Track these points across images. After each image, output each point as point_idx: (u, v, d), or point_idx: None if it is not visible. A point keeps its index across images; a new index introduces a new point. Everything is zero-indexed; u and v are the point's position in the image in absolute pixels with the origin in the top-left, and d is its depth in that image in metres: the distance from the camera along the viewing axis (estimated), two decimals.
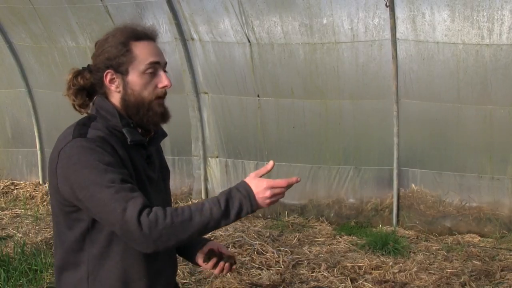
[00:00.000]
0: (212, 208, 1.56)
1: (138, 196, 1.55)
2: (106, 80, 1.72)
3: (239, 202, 1.57)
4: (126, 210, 1.51)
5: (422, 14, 4.77)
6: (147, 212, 1.52)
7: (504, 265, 4.53)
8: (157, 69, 1.72)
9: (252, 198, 1.58)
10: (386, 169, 5.51)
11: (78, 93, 1.77)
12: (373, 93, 5.31)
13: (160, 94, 1.73)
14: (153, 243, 1.52)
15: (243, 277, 4.30)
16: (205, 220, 1.55)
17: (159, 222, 1.51)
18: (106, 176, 1.55)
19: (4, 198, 6.74)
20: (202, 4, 5.39)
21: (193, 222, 1.54)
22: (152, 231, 1.50)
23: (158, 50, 1.75)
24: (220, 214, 1.56)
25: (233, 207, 1.57)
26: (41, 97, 6.71)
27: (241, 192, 1.59)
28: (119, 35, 1.72)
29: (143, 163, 1.75)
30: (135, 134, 1.72)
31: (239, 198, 1.58)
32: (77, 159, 1.59)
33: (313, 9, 5.06)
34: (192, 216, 1.54)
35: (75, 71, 1.78)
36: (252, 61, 5.54)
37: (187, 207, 1.57)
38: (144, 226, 1.50)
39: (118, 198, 1.52)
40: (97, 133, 1.64)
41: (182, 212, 1.55)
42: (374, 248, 4.93)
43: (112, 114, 1.71)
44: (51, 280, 4.21)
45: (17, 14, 6.07)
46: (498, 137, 5.10)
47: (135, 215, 1.50)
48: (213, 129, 6.04)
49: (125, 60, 1.70)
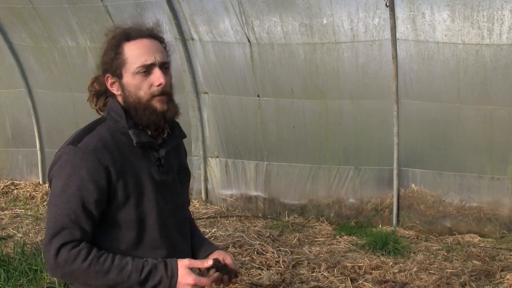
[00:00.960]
0: (132, 273, 1.62)
1: (77, 229, 1.60)
2: (108, 84, 1.74)
3: (160, 278, 1.64)
4: (54, 237, 1.59)
5: (422, 14, 4.77)
6: (72, 247, 1.59)
7: (504, 265, 4.53)
8: (150, 68, 1.70)
9: (173, 283, 1.65)
10: (386, 169, 5.51)
11: (97, 98, 1.81)
12: (373, 93, 5.31)
13: (156, 92, 1.71)
14: (61, 275, 1.61)
15: (243, 277, 4.30)
16: (120, 280, 1.61)
17: (76, 261, 1.58)
18: (64, 195, 1.61)
19: (4, 198, 6.74)
20: (202, 4, 5.39)
21: (108, 276, 1.60)
22: (65, 266, 1.58)
23: (151, 48, 1.71)
24: (137, 281, 1.62)
25: (153, 279, 1.64)
26: (41, 97, 6.71)
27: (167, 271, 1.65)
28: (113, 37, 1.72)
29: (151, 167, 1.74)
30: (142, 136, 1.72)
31: (161, 276, 1.64)
32: (59, 166, 1.65)
33: (313, 9, 5.06)
34: (110, 271, 1.60)
35: (94, 77, 1.81)
36: (252, 61, 5.54)
37: (111, 259, 1.62)
38: (60, 258, 1.57)
39: (58, 221, 1.60)
40: (92, 141, 1.66)
41: (104, 262, 1.60)
42: (374, 248, 4.93)
43: (120, 116, 1.72)
44: (51, 280, 4.21)
45: (17, 14, 6.07)
46: (498, 137, 5.10)
47: (57, 246, 1.58)
48: (213, 129, 6.04)
49: (118, 63, 1.70)
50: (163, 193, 1.76)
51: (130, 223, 1.69)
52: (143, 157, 1.73)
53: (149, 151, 1.75)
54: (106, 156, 1.64)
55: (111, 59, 1.70)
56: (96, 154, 1.63)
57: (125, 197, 1.67)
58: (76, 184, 1.60)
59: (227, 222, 5.73)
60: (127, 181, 1.67)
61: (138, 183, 1.70)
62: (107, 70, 1.72)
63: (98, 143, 1.65)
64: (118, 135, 1.70)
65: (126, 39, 1.70)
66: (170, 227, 1.77)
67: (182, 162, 1.94)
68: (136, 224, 1.70)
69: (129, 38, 1.70)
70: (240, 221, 5.81)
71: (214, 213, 6.00)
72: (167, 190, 1.78)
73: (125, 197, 1.67)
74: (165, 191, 1.77)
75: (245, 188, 6.09)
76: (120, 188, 1.65)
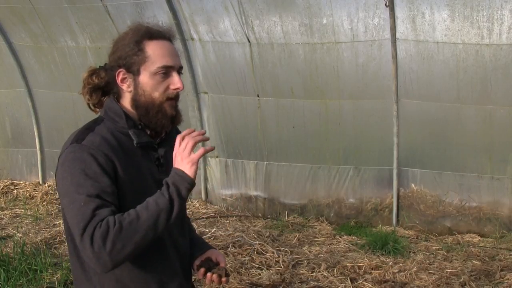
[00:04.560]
0: (157, 200, 1.57)
1: (104, 209, 1.55)
2: (118, 79, 1.70)
3: (175, 186, 1.59)
4: (86, 228, 1.52)
5: (422, 14, 4.77)
6: (100, 225, 1.52)
7: (504, 265, 4.53)
8: (170, 71, 1.69)
9: (185, 175, 1.60)
10: (386, 169, 5.51)
11: (93, 92, 1.75)
12: (373, 93, 5.31)
13: (171, 95, 1.70)
14: (109, 255, 1.51)
15: (243, 277, 4.29)
16: (154, 214, 1.56)
17: (109, 231, 1.51)
18: (83, 188, 1.56)
19: (4, 198, 6.74)
20: (202, 4, 5.39)
21: (142, 219, 1.54)
22: (105, 243, 1.51)
23: (172, 51, 1.71)
24: (166, 202, 1.57)
25: (173, 191, 1.58)
26: (41, 97, 6.71)
27: (172, 175, 1.61)
28: (133, 33, 1.69)
29: (151, 166, 1.73)
30: (142, 136, 1.71)
31: (173, 182, 1.60)
32: (67, 166, 1.60)
33: (313, 9, 5.06)
34: (139, 215, 1.55)
35: (90, 70, 1.75)
36: (252, 61, 5.54)
37: (133, 210, 1.57)
38: (96, 241, 1.50)
39: (84, 212, 1.54)
40: (95, 139, 1.63)
41: (129, 214, 1.56)
42: (374, 248, 4.94)
43: (119, 116, 1.70)
44: (51, 280, 4.21)
45: (17, 14, 6.07)
46: (498, 137, 5.10)
47: (90, 233, 1.51)
48: (213, 129, 6.04)
49: (137, 60, 1.67)
50: None
51: None
52: (143, 157, 1.72)
53: (148, 151, 1.74)
54: (111, 152, 1.63)
55: (131, 54, 1.67)
56: (103, 149, 1.61)
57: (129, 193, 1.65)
58: (91, 178, 1.57)
59: (227, 222, 5.73)
60: (131, 178, 1.65)
61: (141, 182, 1.69)
62: (122, 65, 1.68)
63: (102, 140, 1.64)
64: (118, 134, 1.69)
65: (148, 37, 1.68)
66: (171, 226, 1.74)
67: None
68: None
69: (152, 37, 1.68)
70: (240, 221, 5.81)
71: (214, 213, 6.00)
72: None
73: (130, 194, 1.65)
74: None
75: (245, 188, 6.09)
76: (125, 184, 1.64)
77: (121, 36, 1.72)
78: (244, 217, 5.94)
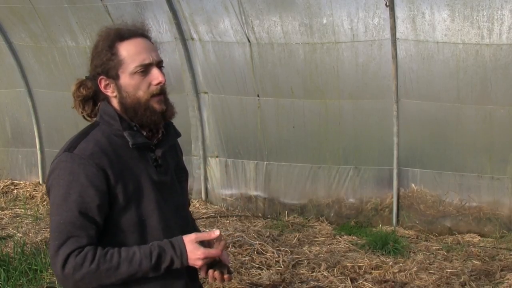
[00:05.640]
0: (142, 260, 1.60)
1: (82, 235, 1.57)
2: (101, 87, 1.70)
3: (170, 259, 1.62)
4: (60, 248, 1.55)
5: (422, 14, 4.77)
6: (78, 253, 1.55)
7: (504, 265, 4.53)
8: (148, 67, 1.68)
9: (185, 260, 1.64)
10: (386, 169, 5.51)
11: (85, 103, 1.75)
12: (373, 93, 5.31)
13: (156, 91, 1.69)
14: (73, 284, 1.57)
15: (243, 277, 4.30)
16: (132, 271, 1.59)
17: (84, 265, 1.55)
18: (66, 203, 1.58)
19: (4, 198, 6.74)
20: (202, 3, 5.39)
21: (120, 271, 1.58)
22: (74, 273, 1.55)
23: (146, 47, 1.69)
24: (149, 267, 1.60)
25: (164, 262, 1.62)
26: (41, 97, 6.71)
27: (175, 251, 1.63)
28: (104, 38, 1.68)
29: (149, 168, 1.72)
30: (138, 137, 1.70)
31: (171, 256, 1.63)
32: (56, 175, 1.62)
33: (313, 8, 5.06)
34: (120, 265, 1.58)
35: (77, 82, 1.75)
36: (252, 61, 5.54)
37: (117, 254, 1.59)
38: (68, 267, 1.54)
39: (62, 230, 1.57)
40: (88, 146, 1.63)
41: (111, 258, 1.58)
42: (374, 248, 4.94)
43: (113, 118, 1.69)
44: (51, 280, 4.21)
45: (17, 14, 6.07)
46: (498, 136, 5.10)
47: (64, 256, 1.55)
48: (213, 129, 6.04)
49: (113, 64, 1.66)
50: (163, 194, 1.74)
51: (133, 227, 1.66)
52: (140, 159, 1.71)
53: (145, 152, 1.73)
54: (104, 160, 1.62)
55: (106, 60, 1.66)
56: (94, 159, 1.61)
57: (125, 200, 1.64)
58: (77, 191, 1.58)
59: (227, 222, 5.73)
60: (126, 183, 1.64)
61: (138, 185, 1.68)
62: (101, 72, 1.68)
63: (95, 148, 1.63)
64: (114, 138, 1.68)
65: (119, 39, 1.67)
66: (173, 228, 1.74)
67: (179, 161, 1.92)
68: (138, 227, 1.67)
69: (123, 38, 1.67)
70: (240, 221, 5.81)
71: (214, 213, 6.00)
72: (166, 190, 1.76)
73: (126, 200, 1.65)
74: (164, 192, 1.75)
75: (245, 188, 6.09)
76: (120, 191, 1.63)
77: (95, 44, 1.71)
78: (244, 217, 5.94)
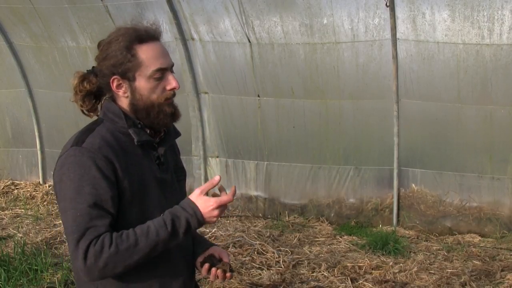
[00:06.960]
0: (159, 231, 1.59)
1: (100, 225, 1.57)
2: (113, 86, 1.70)
3: (185, 221, 1.61)
4: (79, 241, 1.55)
5: (422, 14, 4.77)
6: (95, 242, 1.55)
7: (504, 265, 4.53)
8: (164, 71, 1.71)
9: (199, 216, 1.63)
10: (386, 169, 5.51)
11: (86, 98, 1.75)
12: (373, 93, 5.31)
13: (169, 96, 1.72)
14: (99, 274, 1.57)
15: (243, 277, 4.30)
16: (152, 243, 1.59)
17: (104, 250, 1.54)
18: (80, 196, 1.57)
19: (4, 198, 6.74)
20: (202, 4, 5.39)
21: (139, 246, 1.57)
22: (96, 262, 1.54)
23: (163, 52, 1.72)
24: (167, 235, 1.60)
25: (181, 226, 1.61)
26: (41, 97, 6.72)
27: (187, 211, 1.62)
28: (123, 39, 1.67)
29: (152, 165, 1.74)
30: (142, 135, 1.72)
31: (185, 217, 1.62)
32: (66, 170, 1.61)
33: (313, 9, 5.06)
34: (138, 241, 1.58)
35: (80, 76, 1.74)
36: (252, 61, 5.54)
37: (133, 232, 1.59)
38: (89, 258, 1.54)
39: (80, 223, 1.56)
40: (95, 140, 1.63)
41: (127, 237, 1.58)
42: (375, 248, 4.93)
43: (118, 116, 1.70)
44: (51, 280, 4.21)
45: (17, 14, 6.07)
46: (498, 137, 5.10)
47: (84, 248, 1.54)
48: (213, 129, 6.04)
49: (131, 66, 1.67)
50: (164, 191, 1.76)
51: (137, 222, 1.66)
52: (143, 156, 1.73)
53: (148, 150, 1.75)
54: (111, 153, 1.63)
55: (123, 61, 1.66)
56: (102, 152, 1.61)
57: (131, 195, 1.65)
58: (90, 183, 1.58)
59: (227, 222, 5.73)
60: (132, 178, 1.66)
61: (142, 181, 1.69)
62: (116, 72, 1.68)
63: (102, 142, 1.64)
64: (118, 134, 1.69)
65: (138, 41, 1.67)
66: None
67: (177, 161, 1.94)
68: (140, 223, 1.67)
69: (142, 41, 1.68)
70: (240, 221, 5.81)
71: None
72: (167, 188, 1.78)
73: (131, 195, 1.66)
74: (166, 190, 1.77)
75: (245, 188, 6.08)
76: (126, 186, 1.64)
77: (109, 41, 1.69)
78: (244, 217, 5.94)
